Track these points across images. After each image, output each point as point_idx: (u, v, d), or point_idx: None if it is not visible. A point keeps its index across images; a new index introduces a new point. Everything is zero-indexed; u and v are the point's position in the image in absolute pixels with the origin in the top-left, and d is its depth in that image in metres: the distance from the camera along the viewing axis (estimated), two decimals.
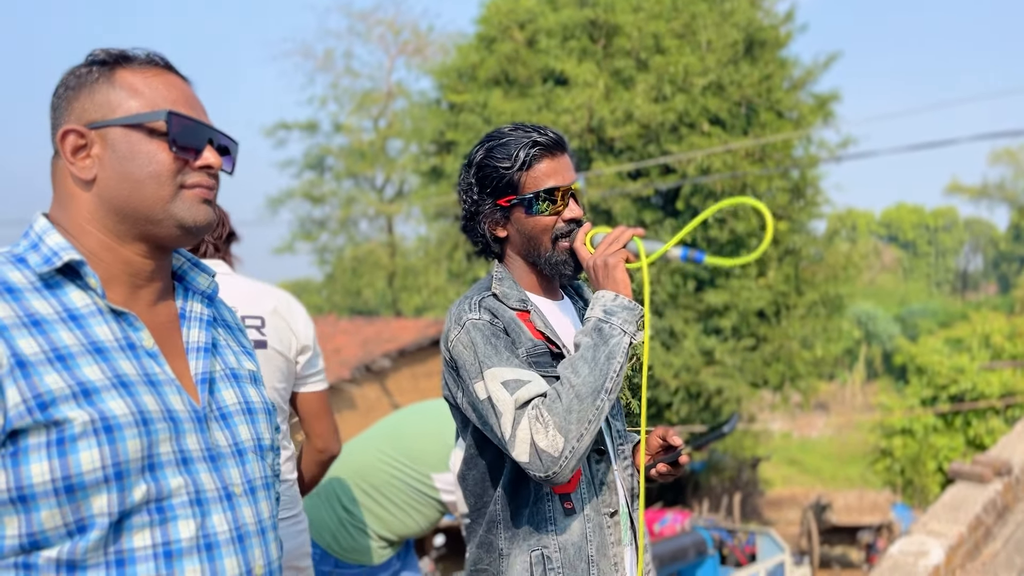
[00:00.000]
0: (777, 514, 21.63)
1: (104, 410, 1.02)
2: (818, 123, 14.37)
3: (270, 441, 1.26)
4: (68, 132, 1.13)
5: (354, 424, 12.70)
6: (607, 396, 1.53)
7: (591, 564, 1.61)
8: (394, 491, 2.76)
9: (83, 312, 1.09)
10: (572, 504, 1.61)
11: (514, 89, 14.55)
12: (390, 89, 25.91)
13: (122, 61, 1.16)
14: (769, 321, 14.36)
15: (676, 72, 13.24)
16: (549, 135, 1.69)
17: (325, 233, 26.14)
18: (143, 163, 1.12)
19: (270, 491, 1.24)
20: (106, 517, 1.01)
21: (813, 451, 35.74)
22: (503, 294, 1.70)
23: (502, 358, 1.57)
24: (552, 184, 1.67)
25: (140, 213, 1.13)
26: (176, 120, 1.13)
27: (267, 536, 1.19)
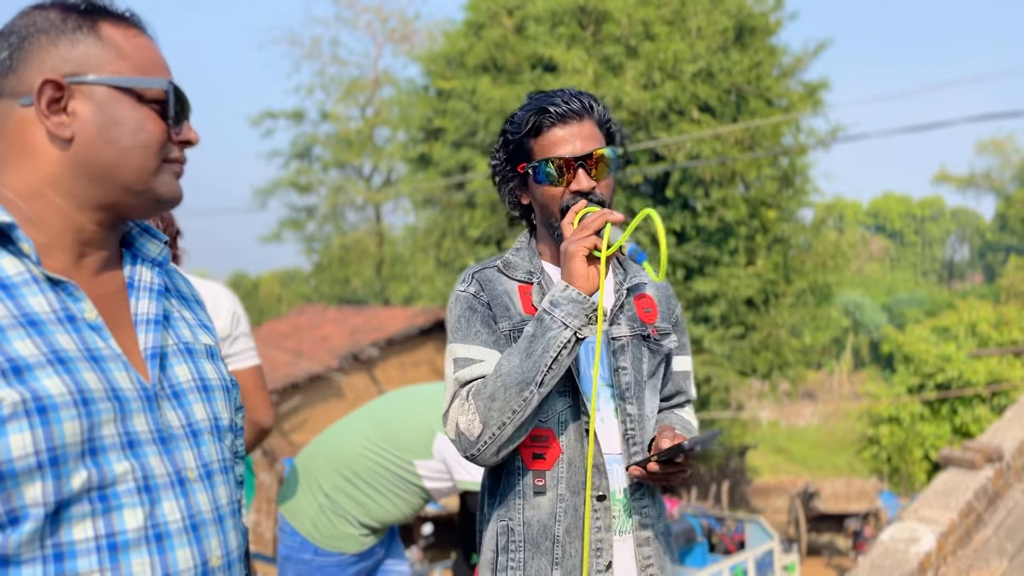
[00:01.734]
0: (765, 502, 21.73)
1: (37, 388, 0.91)
2: (807, 111, 14.34)
3: (229, 421, 1.16)
4: (48, 82, 1.02)
5: (341, 413, 12.62)
6: (537, 389, 1.49)
7: (556, 544, 1.57)
8: (376, 478, 2.69)
9: (15, 281, 0.98)
10: (544, 482, 1.58)
11: (503, 76, 14.44)
12: (377, 77, 25.73)
13: (101, 14, 1.06)
14: (758, 309, 14.36)
15: (666, 59, 13.17)
16: (564, 103, 1.60)
17: (313, 222, 26.00)
18: (131, 130, 1.05)
19: (229, 475, 1.14)
20: (41, 508, 0.91)
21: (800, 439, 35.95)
22: (512, 264, 1.68)
23: (468, 334, 1.58)
24: (559, 152, 1.59)
25: (119, 181, 1.04)
26: (174, 93, 1.08)
27: (225, 524, 1.09)
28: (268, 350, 14.86)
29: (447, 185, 14.78)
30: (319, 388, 13.14)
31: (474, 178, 13.88)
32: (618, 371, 1.64)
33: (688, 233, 13.80)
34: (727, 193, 13.33)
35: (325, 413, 12.99)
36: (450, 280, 15.14)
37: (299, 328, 16.30)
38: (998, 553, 3.86)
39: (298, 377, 12.79)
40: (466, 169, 14.49)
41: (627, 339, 1.66)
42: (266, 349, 14.98)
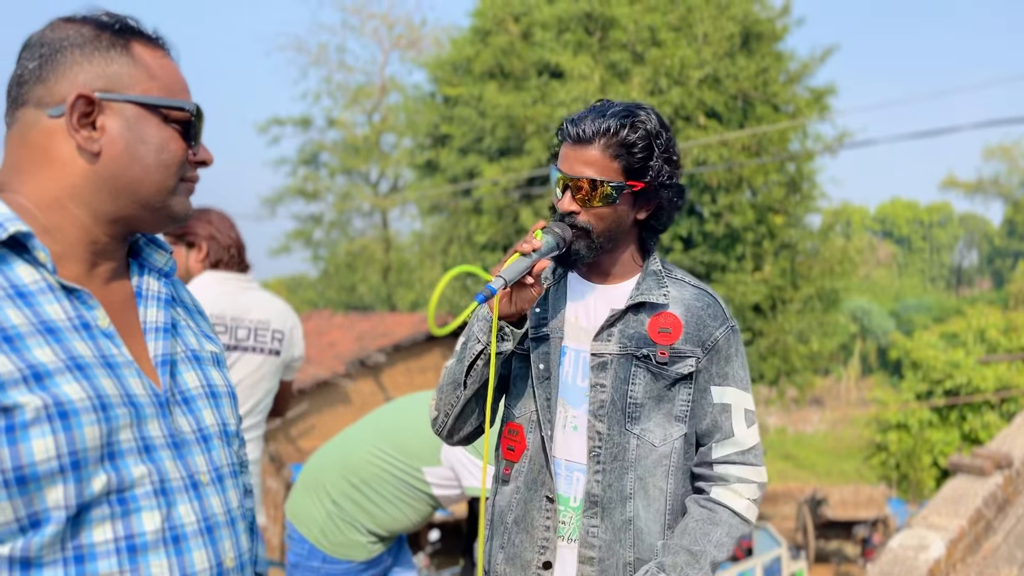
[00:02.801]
0: (772, 509, 21.64)
1: (58, 394, 0.93)
2: (814, 117, 14.33)
3: (235, 427, 1.19)
4: (81, 97, 1.04)
5: (348, 419, 12.64)
6: (463, 390, 1.65)
7: (506, 531, 1.69)
8: (384, 485, 2.69)
9: (31, 289, 0.99)
10: (510, 472, 1.70)
11: (509, 82, 14.47)
12: (384, 83, 25.81)
13: (133, 34, 1.10)
14: (765, 315, 14.33)
15: (672, 65, 13.18)
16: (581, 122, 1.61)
17: (320, 229, 26.08)
18: (156, 149, 1.08)
19: (238, 479, 1.17)
20: (63, 510, 0.93)
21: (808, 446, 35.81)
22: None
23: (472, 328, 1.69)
24: (561, 167, 1.64)
25: (139, 197, 1.08)
26: (196, 115, 1.13)
27: (237, 526, 1.12)
28: None
29: (454, 192, 14.81)
30: (326, 394, 13.15)
31: (480, 184, 13.90)
32: (595, 387, 1.64)
33: (695, 239, 13.79)
34: (734, 199, 13.32)
35: (332, 419, 13.01)
36: (456, 286, 15.15)
37: (306, 334, 16.31)
38: (1008, 560, 3.84)
39: (305, 383, 12.82)
40: (473, 175, 14.52)
41: (612, 356, 1.63)
42: None
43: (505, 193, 13.77)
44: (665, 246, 13.60)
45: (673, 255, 13.52)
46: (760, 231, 13.96)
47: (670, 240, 13.53)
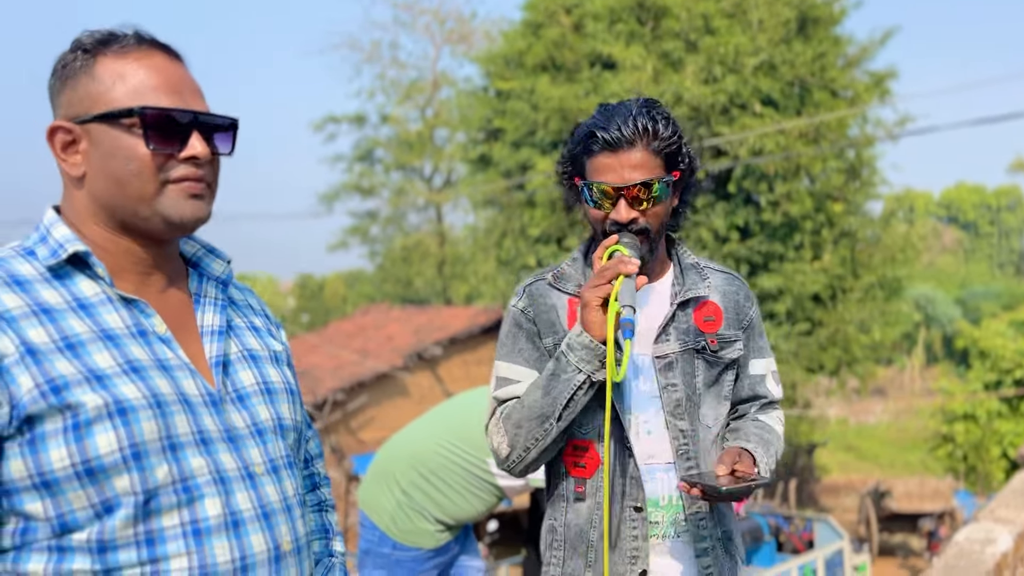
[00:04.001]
0: (834, 501, 21.27)
1: (117, 394, 1.04)
2: (874, 101, 13.97)
3: (292, 421, 1.26)
4: (56, 129, 1.12)
5: (407, 411, 12.84)
6: (555, 423, 1.58)
7: (590, 548, 1.64)
8: (451, 475, 2.78)
9: (92, 301, 1.10)
10: (583, 490, 1.65)
11: (561, 74, 14.46)
12: (436, 78, 25.98)
13: (103, 45, 1.12)
14: (825, 305, 14.07)
15: (726, 53, 13.00)
16: (616, 128, 1.58)
17: (376, 225, 26.42)
18: (124, 159, 1.10)
19: (293, 469, 1.25)
20: (131, 496, 1.03)
21: (871, 437, 35.06)
22: (564, 276, 1.72)
23: (512, 352, 1.67)
24: (603, 179, 1.59)
25: (127, 210, 1.12)
26: (150, 114, 1.09)
27: (293, 513, 1.20)
28: (335, 350, 15.20)
29: (508, 188, 14.88)
30: (385, 386, 13.38)
31: (534, 177, 13.94)
32: (667, 388, 1.66)
33: (752, 229, 13.61)
34: (791, 187, 13.10)
35: (391, 411, 13.24)
36: (511, 279, 15.23)
37: (364, 328, 16.62)
38: None
39: (364, 376, 13.06)
40: (526, 169, 14.56)
41: (676, 355, 1.67)
42: (333, 349, 15.33)
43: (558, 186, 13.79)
44: (722, 236, 13.45)
45: (730, 245, 13.37)
46: (819, 219, 13.69)
47: (727, 230, 13.38)
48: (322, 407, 12.52)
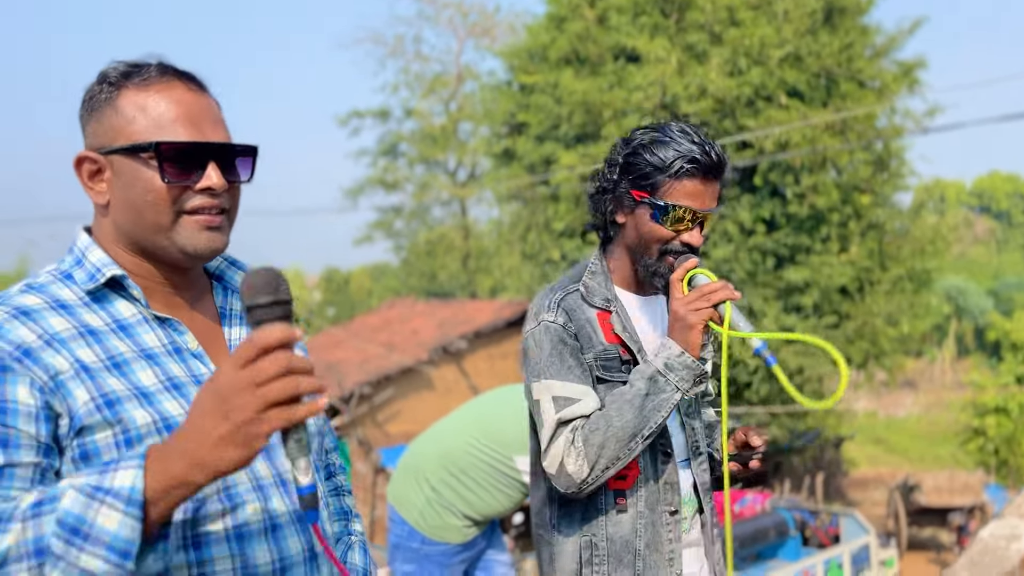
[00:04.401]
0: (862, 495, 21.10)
1: (162, 411, 1.10)
2: (903, 92, 13.79)
3: (315, 425, 1.34)
4: (83, 159, 1.17)
5: (432, 404, 12.94)
6: (642, 440, 1.63)
7: (637, 557, 1.69)
8: (480, 473, 2.84)
9: (131, 321, 1.16)
10: (625, 501, 1.69)
11: (585, 68, 14.44)
12: (460, 72, 26.03)
13: (126, 78, 1.16)
14: (852, 298, 13.96)
15: (751, 44, 12.91)
16: (712, 157, 1.66)
17: (400, 219, 26.56)
18: (142, 191, 1.14)
19: (319, 472, 1.31)
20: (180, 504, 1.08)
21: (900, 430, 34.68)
22: (590, 290, 1.74)
23: (562, 369, 1.66)
24: (688, 204, 1.65)
25: (146, 239, 1.17)
26: (165, 148, 1.12)
27: (322, 514, 1.26)
28: (360, 343, 15.34)
29: (532, 183, 14.90)
30: (411, 380, 13.48)
31: (558, 171, 13.95)
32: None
33: (778, 221, 13.52)
34: (818, 179, 12.99)
35: (417, 404, 13.34)
36: (535, 273, 15.26)
37: (390, 322, 16.74)
38: None
39: (390, 369, 13.17)
40: (550, 162, 14.56)
41: None
42: (359, 343, 15.46)
43: (582, 180, 13.80)
44: (748, 229, 13.37)
45: (756, 238, 13.30)
46: (846, 211, 13.57)
47: (752, 223, 13.31)
48: (349, 400, 12.66)
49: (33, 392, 1.03)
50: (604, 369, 1.68)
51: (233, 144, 1.20)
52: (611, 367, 1.68)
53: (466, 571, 2.98)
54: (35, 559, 0.92)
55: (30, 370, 1.04)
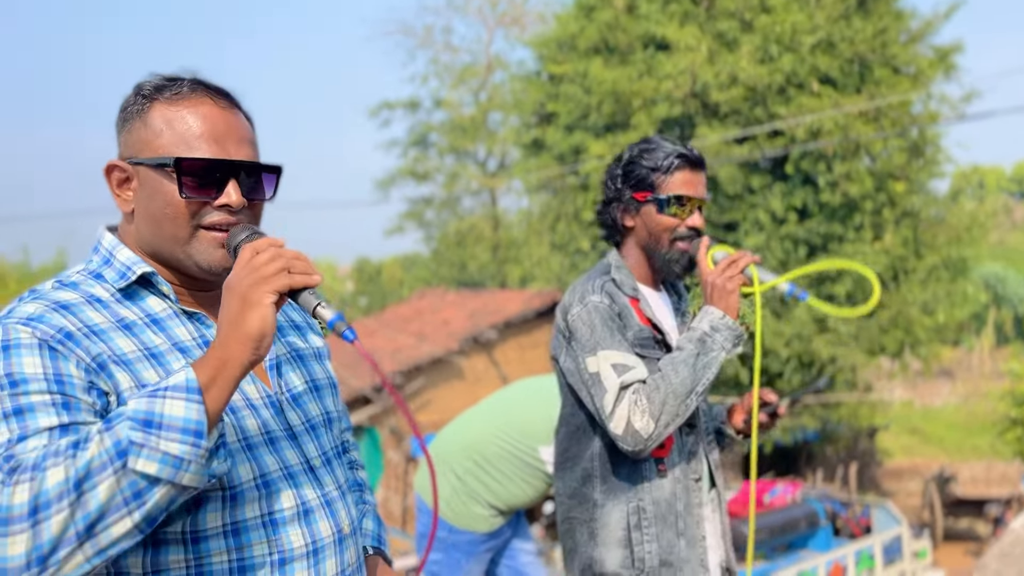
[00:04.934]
0: (897, 485, 20.86)
1: None
2: (938, 77, 13.54)
3: (336, 413, 1.40)
4: (112, 167, 1.23)
5: (462, 394, 13.04)
6: (696, 397, 1.83)
7: (679, 518, 1.90)
8: (504, 463, 2.90)
9: (162, 316, 1.22)
10: (665, 467, 1.90)
11: (614, 57, 14.37)
12: (489, 62, 26.01)
13: (158, 92, 1.21)
14: (886, 286, 13.78)
15: (783, 31, 12.75)
16: (694, 152, 1.95)
17: (430, 210, 26.67)
18: (162, 203, 1.19)
19: (341, 458, 1.38)
20: (218, 491, 1.15)
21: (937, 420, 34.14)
22: (619, 280, 1.96)
23: (615, 341, 1.85)
24: (685, 192, 1.92)
25: (165, 250, 1.22)
26: (186, 164, 1.16)
27: (347, 498, 1.32)
28: (392, 333, 15.49)
29: (562, 174, 14.89)
30: (441, 370, 13.59)
31: (587, 161, 13.93)
32: None
33: (810, 210, 13.38)
34: (851, 167, 12.82)
35: (447, 394, 13.45)
36: (565, 263, 15.26)
37: (421, 312, 16.86)
38: None
39: (421, 360, 13.29)
40: (579, 152, 14.54)
41: None
42: (390, 333, 15.61)
43: None
44: (779, 217, 13.26)
45: (787, 227, 13.18)
46: (880, 199, 13.38)
47: (784, 211, 13.19)
48: (380, 390, 12.81)
49: (79, 370, 1.10)
50: (642, 347, 1.89)
51: (255, 163, 1.23)
52: (647, 345, 1.90)
53: (492, 559, 3.04)
54: (118, 460, 0.98)
55: (73, 352, 1.10)
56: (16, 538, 0.96)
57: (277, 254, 1.09)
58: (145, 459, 0.99)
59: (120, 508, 0.99)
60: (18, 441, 1.02)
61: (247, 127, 1.26)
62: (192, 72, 1.25)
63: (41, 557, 0.97)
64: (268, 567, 1.17)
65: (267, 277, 1.06)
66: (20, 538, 0.96)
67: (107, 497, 0.98)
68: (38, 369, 1.07)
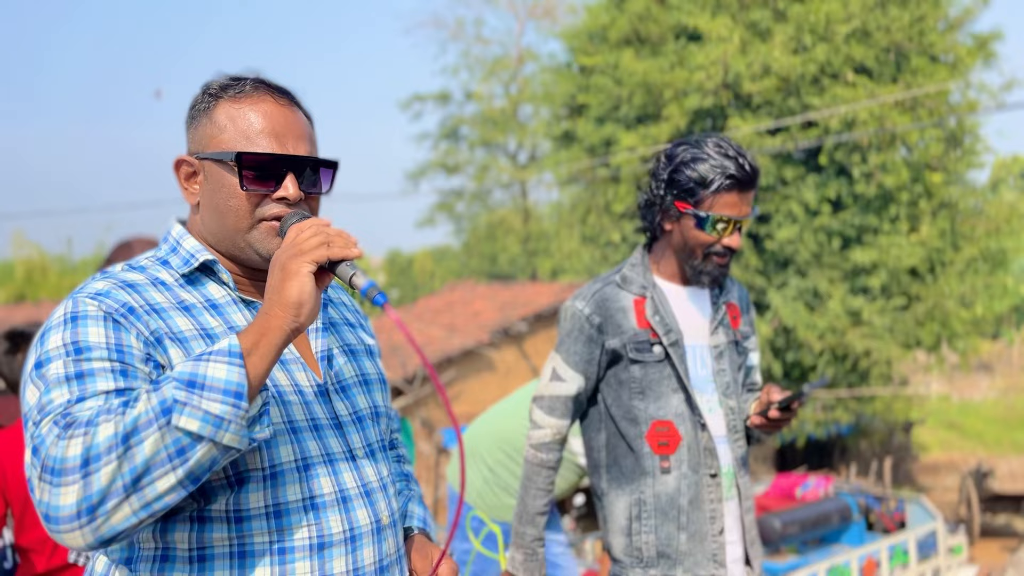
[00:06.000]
0: (934, 480, 20.56)
1: None
2: (977, 65, 13.26)
3: (384, 408, 1.45)
4: (181, 162, 1.31)
5: (493, 386, 13.12)
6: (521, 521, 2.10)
7: (681, 512, 1.94)
8: None
9: (220, 302, 1.30)
10: (668, 464, 1.95)
11: (645, 48, 14.28)
12: (520, 53, 25.98)
13: (223, 91, 1.29)
14: (923, 279, 13.57)
15: (817, 21, 12.58)
16: (747, 170, 1.88)
17: (461, 202, 26.74)
18: (226, 196, 1.26)
19: (387, 452, 1.43)
20: (259, 471, 1.20)
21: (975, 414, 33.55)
22: (627, 279, 2.00)
23: (573, 351, 1.97)
24: (727, 213, 1.89)
25: (226, 239, 1.30)
26: (247, 159, 1.24)
27: (388, 491, 1.37)
28: (423, 326, 15.60)
29: (592, 166, 14.85)
30: (472, 362, 13.67)
31: (618, 153, 13.88)
32: (719, 372, 2.00)
33: (844, 201, 13.21)
34: (886, 158, 12.63)
35: (478, 386, 13.53)
36: (596, 255, 15.24)
37: (452, 304, 16.96)
38: None
39: (452, 352, 13.38)
40: (610, 144, 14.49)
41: (724, 345, 2.02)
42: (421, 325, 15.73)
43: (643, 161, 13.71)
44: (812, 209, 13.11)
45: (821, 218, 13.03)
46: (916, 190, 13.16)
47: (817, 203, 13.03)
48: (412, 382, 12.92)
49: (139, 342, 1.18)
50: (637, 351, 1.93)
51: (312, 157, 1.30)
52: (642, 348, 1.93)
53: None
54: (162, 417, 1.04)
55: (134, 325, 1.19)
56: (68, 488, 1.03)
57: (319, 230, 1.16)
58: (188, 416, 1.04)
59: (164, 463, 1.04)
60: (77, 401, 1.10)
61: (306, 124, 1.33)
62: (255, 72, 1.33)
63: (91, 507, 1.03)
64: (307, 550, 1.22)
65: (306, 250, 1.13)
66: (72, 488, 1.03)
67: (152, 451, 1.04)
68: (101, 339, 1.15)
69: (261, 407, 1.13)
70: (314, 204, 1.33)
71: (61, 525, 1.05)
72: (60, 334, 1.16)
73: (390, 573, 1.33)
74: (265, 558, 1.20)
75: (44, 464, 1.04)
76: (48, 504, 1.04)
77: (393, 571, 1.34)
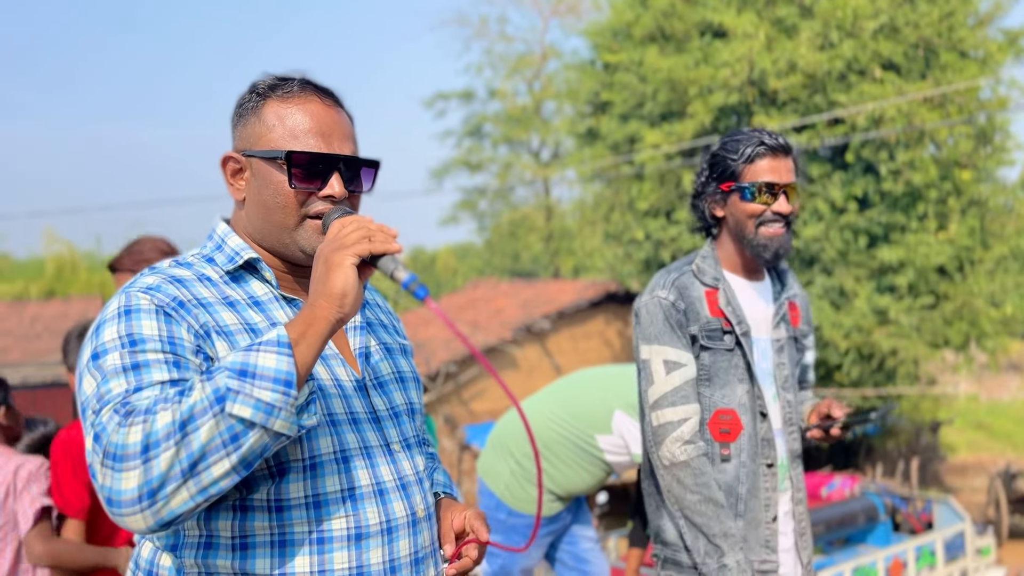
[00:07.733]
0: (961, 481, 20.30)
1: None
2: (1008, 61, 13.07)
3: (420, 405, 1.48)
4: (228, 158, 1.35)
5: (516, 383, 13.14)
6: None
7: (739, 500, 1.98)
8: (562, 449, 2.95)
9: (263, 299, 1.33)
10: (729, 452, 1.99)
11: (670, 45, 14.22)
12: (544, 51, 25.95)
13: (271, 90, 1.33)
14: (951, 278, 13.41)
15: (844, 16, 12.46)
16: (776, 140, 1.98)
17: (484, 200, 26.78)
18: (273, 193, 1.30)
19: (422, 448, 1.46)
20: (300, 462, 1.24)
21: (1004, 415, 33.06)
22: (700, 270, 2.04)
23: (673, 337, 1.97)
24: (768, 179, 1.96)
25: (272, 236, 1.33)
26: (296, 157, 1.27)
27: (423, 485, 1.40)
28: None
29: (616, 163, 14.81)
30: (495, 359, 13.70)
31: (642, 150, 13.84)
32: (779, 366, 2.05)
33: (871, 199, 13.08)
34: (914, 155, 12.48)
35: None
36: (618, 252, 15.21)
37: (475, 301, 17.00)
38: None
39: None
40: (634, 141, 14.45)
41: (785, 340, 2.07)
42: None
43: (667, 158, 13.67)
44: (839, 207, 13.00)
45: (847, 216, 12.92)
46: (944, 188, 13.00)
47: (844, 200, 12.92)
48: (435, 378, 12.98)
49: (189, 335, 1.22)
50: (708, 338, 1.97)
51: (356, 157, 1.34)
52: (714, 336, 1.98)
53: (552, 544, 3.11)
54: (217, 405, 1.08)
55: (185, 319, 1.23)
56: (130, 474, 1.08)
57: (361, 225, 1.20)
58: (240, 404, 1.08)
59: (219, 449, 1.09)
60: (134, 391, 1.14)
61: (349, 124, 1.38)
62: (301, 72, 1.37)
63: (151, 491, 1.08)
64: (345, 540, 1.25)
65: (349, 244, 1.17)
66: (133, 474, 1.08)
67: (208, 438, 1.08)
68: (154, 331, 1.20)
69: (308, 395, 1.17)
70: (356, 202, 1.37)
71: (123, 508, 1.09)
72: (115, 327, 1.21)
73: (425, 565, 1.35)
74: (304, 547, 1.23)
75: (106, 450, 1.09)
76: (111, 488, 1.09)
77: (428, 563, 1.36)
